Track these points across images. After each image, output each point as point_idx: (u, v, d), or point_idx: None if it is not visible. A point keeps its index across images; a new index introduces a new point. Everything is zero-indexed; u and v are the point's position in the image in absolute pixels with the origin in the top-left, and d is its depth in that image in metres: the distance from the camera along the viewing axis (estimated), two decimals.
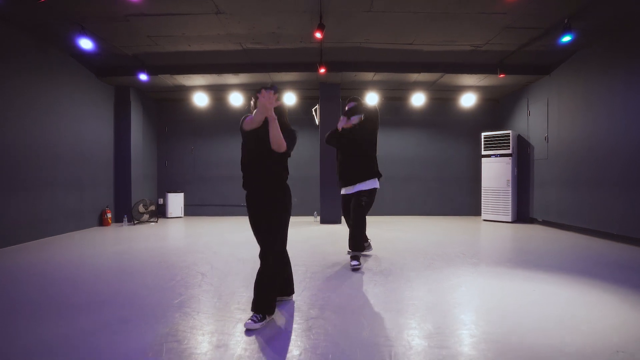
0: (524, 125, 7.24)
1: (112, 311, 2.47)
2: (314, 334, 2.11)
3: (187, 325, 2.22)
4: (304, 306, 2.57)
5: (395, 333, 2.11)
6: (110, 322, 2.28)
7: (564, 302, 2.62)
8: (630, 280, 3.15)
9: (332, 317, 2.36)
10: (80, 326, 2.22)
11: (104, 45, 5.35)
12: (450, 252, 4.36)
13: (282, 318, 2.37)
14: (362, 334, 2.10)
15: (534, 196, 6.93)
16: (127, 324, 2.24)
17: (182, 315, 2.39)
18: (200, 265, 3.75)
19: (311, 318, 2.35)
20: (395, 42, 5.39)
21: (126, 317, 2.36)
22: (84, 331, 2.15)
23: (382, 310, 2.49)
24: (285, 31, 5.00)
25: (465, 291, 2.89)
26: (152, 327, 2.20)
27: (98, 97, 6.63)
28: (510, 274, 3.39)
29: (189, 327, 2.19)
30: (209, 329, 2.17)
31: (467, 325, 2.23)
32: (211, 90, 7.57)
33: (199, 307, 2.55)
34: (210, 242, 5.08)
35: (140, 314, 2.41)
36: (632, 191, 4.71)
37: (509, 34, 5.06)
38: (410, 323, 2.26)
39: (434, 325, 2.22)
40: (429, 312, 2.45)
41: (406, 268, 3.62)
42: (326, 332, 2.13)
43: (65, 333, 2.13)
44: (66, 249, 4.58)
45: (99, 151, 6.64)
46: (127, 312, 2.45)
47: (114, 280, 3.23)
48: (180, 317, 2.35)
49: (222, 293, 2.86)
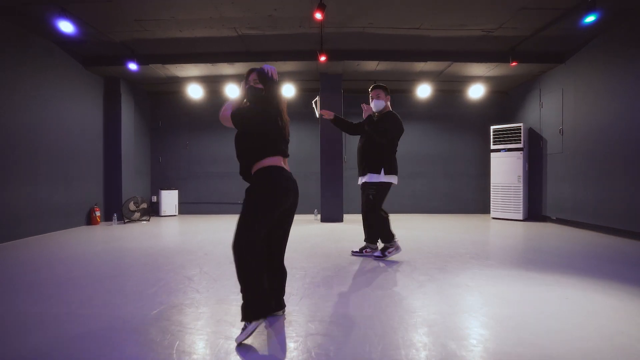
0: (536, 117, 6.85)
1: (72, 326, 2.10)
2: (314, 356, 1.74)
3: (162, 345, 1.86)
4: (302, 318, 2.20)
5: (409, 352, 1.75)
6: (61, 342, 1.91)
7: (606, 314, 2.24)
8: None
9: (335, 333, 1.99)
10: (25, 346, 1.86)
11: (88, 29, 4.97)
12: (463, 252, 3.99)
13: (275, 336, 2.00)
14: (372, 356, 1.73)
15: (547, 192, 6.54)
16: (85, 342, 1.88)
17: (158, 331, 2.03)
18: (188, 268, 3.39)
19: (310, 334, 1.98)
20: (401, 26, 5.01)
21: (87, 333, 2.00)
22: (21, 356, 1.79)
23: (393, 322, 2.12)
24: (283, 13, 4.61)
25: (482, 297, 2.52)
26: (115, 349, 1.83)
27: (86, 88, 6.26)
28: (529, 277, 3.02)
29: (162, 348, 1.83)
30: (189, 350, 1.81)
31: (487, 340, 1.86)
32: (206, 82, 7.20)
33: (179, 319, 2.19)
34: (202, 241, 4.72)
35: (107, 329, 2.04)
36: None
37: (524, 16, 4.67)
38: (424, 340, 1.89)
39: (450, 340, 1.85)
40: (444, 325, 2.08)
41: (417, 271, 3.25)
42: (327, 355, 1.76)
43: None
44: (45, 249, 4.22)
45: (87, 145, 6.27)
46: (92, 326, 2.09)
47: (88, 286, 2.87)
48: (156, 334, 1.99)
49: (208, 301, 2.50)
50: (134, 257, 3.84)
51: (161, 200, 7.60)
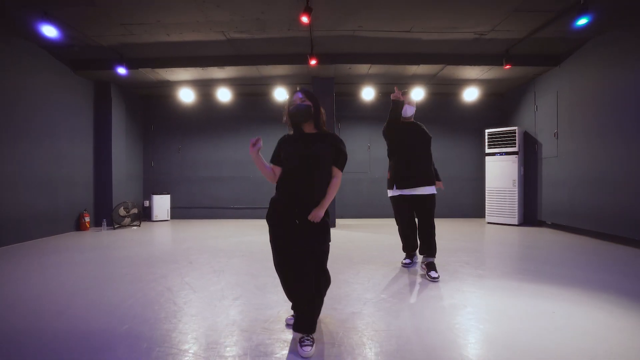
0: (531, 121, 6.76)
1: (40, 341, 2.01)
2: None
3: None
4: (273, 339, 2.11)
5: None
6: (25, 357, 1.82)
7: (595, 331, 2.15)
8: None
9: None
10: None
11: (73, 33, 4.90)
12: (454, 261, 3.90)
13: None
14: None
15: (543, 197, 6.45)
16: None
17: (125, 349, 1.93)
18: (170, 278, 3.30)
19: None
20: (391, 29, 4.93)
21: (51, 350, 1.91)
22: None
23: (377, 344, 2.03)
24: (270, 16, 4.54)
25: (472, 313, 2.43)
26: None
27: (75, 92, 6.19)
28: (521, 288, 2.92)
29: None
30: None
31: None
32: (197, 86, 7.13)
33: (150, 334, 2.10)
34: (189, 249, 4.63)
35: (72, 347, 1.95)
36: None
37: (517, 18, 4.59)
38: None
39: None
40: (428, 347, 1.98)
41: (401, 280, 3.16)
42: None
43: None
44: (28, 258, 4.13)
45: (76, 150, 6.19)
46: (57, 343, 2.00)
47: (64, 298, 2.78)
48: (122, 352, 1.89)
49: (183, 315, 2.41)
50: (117, 266, 3.75)
51: (153, 205, 7.51)
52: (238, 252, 4.41)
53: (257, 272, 3.46)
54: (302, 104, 2.11)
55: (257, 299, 2.71)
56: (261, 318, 2.35)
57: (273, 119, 7.73)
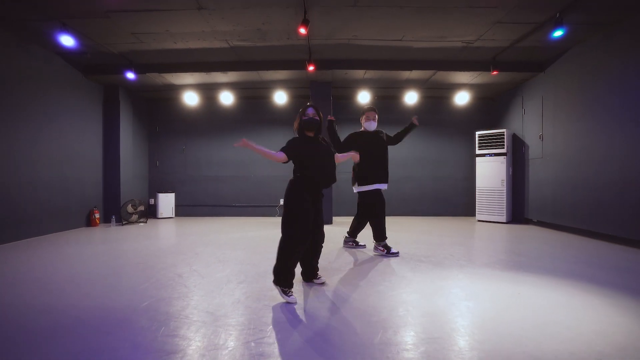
0: (519, 123, 7.11)
1: (71, 315, 2.36)
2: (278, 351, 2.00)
3: (149, 330, 2.11)
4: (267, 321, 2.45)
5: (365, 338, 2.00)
6: (61, 328, 2.17)
7: (550, 307, 2.50)
8: (622, 283, 3.03)
9: (305, 326, 2.24)
10: (26, 332, 2.11)
11: (87, 42, 5.26)
12: (439, 254, 4.24)
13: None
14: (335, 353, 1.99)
15: (529, 196, 6.80)
16: (83, 328, 2.13)
17: (146, 320, 2.28)
18: (179, 266, 3.64)
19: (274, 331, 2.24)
20: (384, 38, 5.28)
21: (84, 321, 2.25)
22: (25, 340, 2.04)
23: (361, 311, 2.37)
24: (270, 27, 4.89)
25: (449, 293, 2.77)
26: (109, 334, 2.09)
27: (86, 96, 6.54)
28: (498, 276, 3.27)
29: (149, 332, 2.08)
30: (172, 334, 2.06)
31: (439, 333, 2.11)
32: (201, 89, 7.48)
33: (166, 309, 2.44)
34: (194, 242, 4.97)
35: (102, 318, 2.30)
36: (628, 191, 4.58)
37: (500, 29, 4.94)
38: (381, 335, 2.14)
39: (412, 329, 2.11)
40: (406, 315, 2.33)
41: (388, 269, 3.50)
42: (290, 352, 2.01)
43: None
44: (46, 249, 4.48)
45: (87, 150, 6.55)
46: (89, 315, 2.34)
47: (85, 283, 3.12)
48: (144, 322, 2.24)
49: (194, 295, 2.74)
50: (129, 257, 4.09)
51: (158, 202, 7.86)
52: (240, 246, 4.75)
53: (258, 262, 3.80)
54: (314, 119, 2.88)
55: (259, 283, 3.05)
56: (263, 297, 2.70)
57: (273, 121, 8.08)
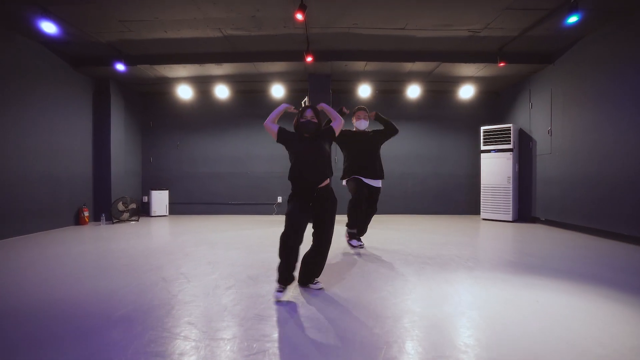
0: (526, 118, 6.83)
1: (38, 325, 2.09)
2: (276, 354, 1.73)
3: (118, 346, 1.84)
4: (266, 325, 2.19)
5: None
6: (24, 340, 1.90)
7: (574, 317, 2.23)
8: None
9: (300, 339, 1.98)
10: None
11: (72, 30, 4.97)
12: (445, 254, 3.97)
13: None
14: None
15: (537, 194, 6.52)
16: (42, 342, 1.87)
17: (118, 332, 2.01)
18: (165, 269, 3.38)
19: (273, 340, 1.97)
20: (386, 26, 4.99)
21: (50, 334, 1.99)
22: None
23: (362, 322, 2.11)
24: (265, 14, 4.61)
25: (458, 301, 2.50)
26: (71, 350, 1.82)
27: (75, 88, 6.26)
28: (510, 280, 3.00)
29: (119, 348, 1.82)
30: (144, 350, 1.80)
31: (451, 350, 1.85)
32: (195, 82, 7.20)
33: (143, 319, 2.17)
34: (185, 242, 4.71)
35: (69, 330, 2.03)
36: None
37: (509, 16, 4.66)
38: (392, 345, 1.88)
39: (419, 344, 1.84)
40: (412, 327, 2.06)
41: (393, 272, 3.23)
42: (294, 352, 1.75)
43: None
44: (30, 249, 4.21)
45: (76, 145, 6.27)
46: (55, 327, 2.08)
47: (63, 286, 2.85)
48: (116, 334, 1.97)
49: (176, 303, 2.48)
50: (114, 258, 3.83)
51: (152, 200, 7.59)
52: (233, 245, 4.49)
53: (250, 264, 3.53)
54: (312, 121, 2.72)
55: (249, 289, 2.79)
56: (252, 305, 2.43)
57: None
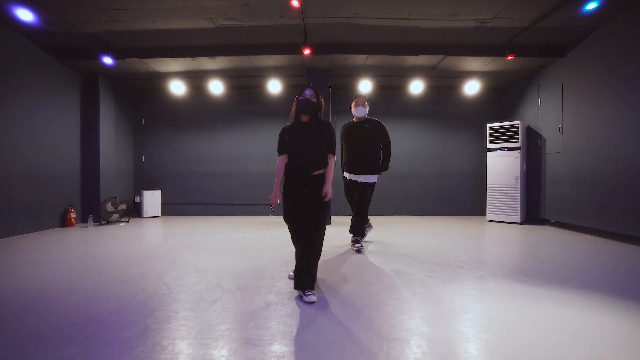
0: (535, 115, 6.51)
1: None
2: None
3: None
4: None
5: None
6: None
7: (609, 341, 1.92)
8: None
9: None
10: None
11: (52, 19, 4.65)
12: (453, 261, 3.66)
13: None
14: None
15: (546, 194, 6.21)
16: None
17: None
18: (147, 278, 3.07)
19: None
20: (388, 16, 4.68)
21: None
22: None
23: (364, 346, 1.80)
24: (259, 2, 4.28)
25: (472, 319, 2.20)
26: None
27: (61, 83, 5.94)
28: (528, 293, 2.69)
29: None
30: None
31: None
32: (188, 78, 6.88)
33: (110, 340, 1.87)
34: (174, 246, 4.40)
35: (19, 350, 1.72)
36: None
37: (520, 4, 4.34)
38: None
39: None
40: (422, 353, 1.75)
41: (397, 281, 2.92)
42: None
43: None
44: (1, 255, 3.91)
45: (62, 143, 5.96)
46: (9, 351, 1.77)
47: (26, 300, 2.55)
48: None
49: (153, 321, 2.17)
50: (94, 265, 3.52)
51: (143, 200, 7.28)
52: (225, 250, 4.18)
53: (241, 272, 3.22)
54: (310, 100, 2.61)
55: (237, 304, 2.47)
56: (238, 326, 2.12)
57: (267, 113, 7.49)
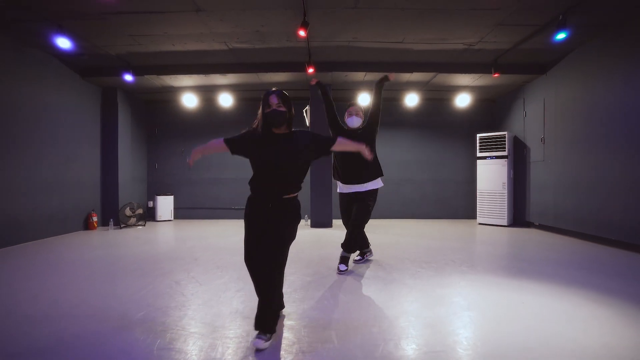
0: (520, 126, 7.06)
1: (66, 325, 2.30)
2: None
3: (145, 343, 2.05)
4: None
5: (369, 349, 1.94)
6: (55, 340, 2.11)
7: (555, 317, 2.44)
8: (628, 291, 2.97)
9: (303, 336, 2.19)
10: (23, 344, 2.05)
11: (84, 44, 5.20)
12: (440, 259, 4.18)
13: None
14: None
15: (531, 199, 6.74)
16: (76, 341, 2.07)
17: (142, 331, 2.22)
18: (176, 273, 3.58)
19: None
20: (384, 40, 5.23)
21: (79, 332, 2.19)
22: (19, 353, 1.98)
23: (358, 325, 2.32)
24: (269, 29, 4.84)
25: (449, 304, 2.72)
26: (103, 345, 2.03)
27: (84, 98, 6.49)
28: (500, 284, 3.21)
29: (145, 345, 2.02)
30: (168, 347, 2.00)
31: (442, 346, 2.06)
32: (200, 91, 7.43)
33: (163, 320, 2.38)
34: (193, 247, 4.91)
35: (97, 329, 2.24)
36: (630, 195, 4.52)
37: (502, 31, 4.89)
38: (380, 345, 2.09)
39: (414, 342, 2.05)
40: (408, 326, 2.27)
41: (389, 276, 3.44)
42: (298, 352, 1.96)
43: None
44: (43, 255, 4.41)
45: (84, 153, 6.49)
46: (84, 326, 2.28)
47: (82, 290, 3.06)
48: (140, 333, 2.18)
49: (192, 304, 2.69)
50: (126, 263, 4.03)
51: (157, 205, 7.79)
52: (239, 251, 4.67)
53: None
54: (278, 109, 2.14)
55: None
56: None
57: None
